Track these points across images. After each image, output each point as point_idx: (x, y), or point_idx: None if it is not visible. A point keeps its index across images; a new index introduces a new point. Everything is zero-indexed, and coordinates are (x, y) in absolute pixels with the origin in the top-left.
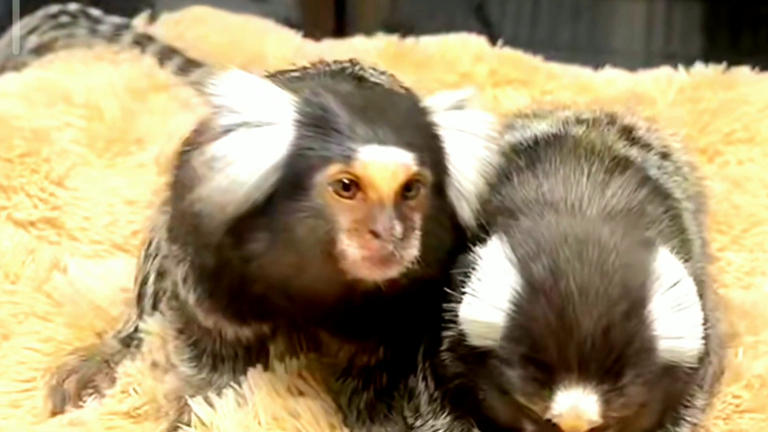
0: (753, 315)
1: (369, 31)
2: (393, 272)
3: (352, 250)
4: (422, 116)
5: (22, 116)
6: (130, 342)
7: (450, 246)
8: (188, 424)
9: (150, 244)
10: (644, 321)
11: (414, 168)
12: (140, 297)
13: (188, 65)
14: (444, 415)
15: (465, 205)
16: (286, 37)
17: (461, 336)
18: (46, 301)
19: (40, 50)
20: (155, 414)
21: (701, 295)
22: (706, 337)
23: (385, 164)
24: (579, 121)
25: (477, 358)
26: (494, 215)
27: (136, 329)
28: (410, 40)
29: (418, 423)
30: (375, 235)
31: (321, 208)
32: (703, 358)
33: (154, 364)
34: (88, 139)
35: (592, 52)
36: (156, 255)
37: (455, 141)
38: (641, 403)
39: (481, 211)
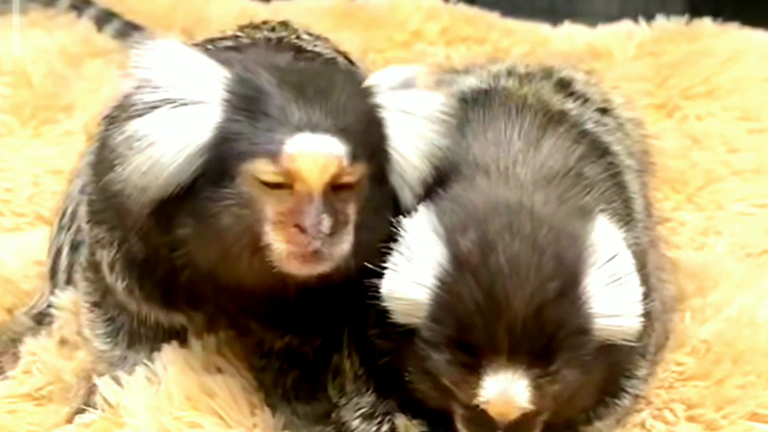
0: (702, 277)
1: None
2: (321, 268)
3: (277, 243)
4: (363, 98)
5: None
6: (42, 319)
7: (389, 234)
8: (95, 407)
9: (64, 214)
10: (579, 299)
11: (346, 160)
12: (53, 271)
13: (127, 29)
14: (368, 393)
15: (408, 192)
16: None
17: (386, 313)
18: None
19: None
20: (61, 395)
21: (643, 264)
22: (647, 307)
23: (314, 156)
24: (510, 75)
25: (402, 336)
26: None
27: (49, 305)
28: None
29: (343, 401)
30: (301, 229)
31: (246, 197)
32: (646, 327)
33: (63, 341)
34: (12, 107)
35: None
36: (70, 226)
37: (398, 124)
38: (576, 386)
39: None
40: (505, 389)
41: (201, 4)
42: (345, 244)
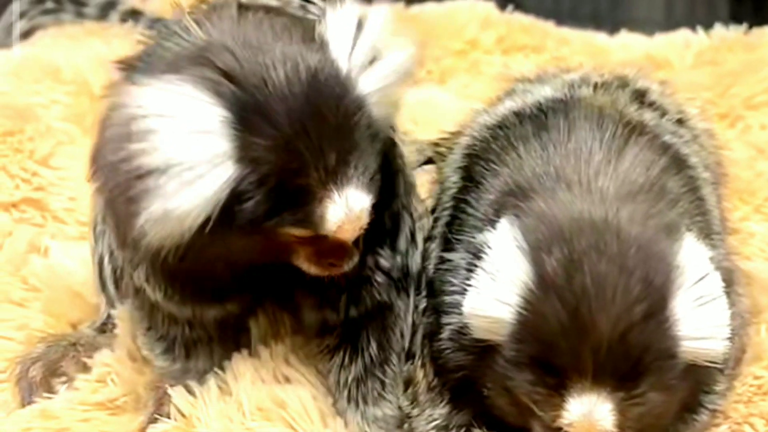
0: None
1: None
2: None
3: (308, 267)
4: (353, 108)
5: (7, 93)
6: (104, 329)
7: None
8: (168, 416)
9: (96, 223)
10: (666, 322)
11: (370, 203)
12: (102, 282)
13: None
14: (442, 405)
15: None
16: None
17: (464, 327)
18: (21, 286)
19: (28, 36)
20: (134, 406)
21: (729, 282)
22: (732, 327)
23: (352, 221)
24: (586, 84)
25: (481, 351)
26: (505, 193)
27: (109, 316)
28: (415, 8)
29: (415, 412)
30: (333, 264)
31: (278, 239)
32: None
33: (132, 356)
34: (75, 116)
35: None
36: (105, 232)
37: (381, 112)
38: (661, 409)
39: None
40: (590, 412)
41: None
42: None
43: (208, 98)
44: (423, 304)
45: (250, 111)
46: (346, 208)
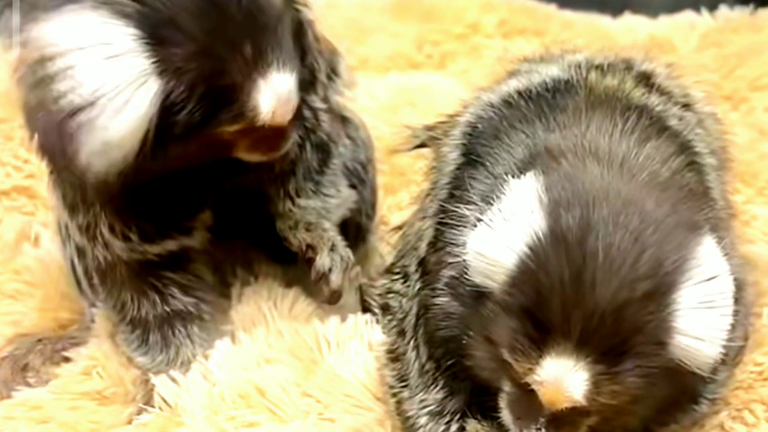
0: None
1: None
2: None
3: (249, 157)
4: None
5: None
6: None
7: None
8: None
9: (59, 226)
10: (665, 309)
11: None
12: (78, 282)
13: None
14: (436, 390)
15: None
16: None
17: (464, 272)
18: (14, 277)
19: None
20: (123, 398)
21: (741, 287)
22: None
23: (283, 104)
24: (593, 66)
25: (474, 300)
26: (532, 155)
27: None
28: None
29: (406, 394)
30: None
31: (216, 139)
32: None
33: (117, 351)
34: None
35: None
36: (69, 235)
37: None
38: (634, 396)
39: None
40: (563, 375)
41: None
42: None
43: (116, 21)
44: (417, 286)
45: (159, 25)
46: (274, 93)
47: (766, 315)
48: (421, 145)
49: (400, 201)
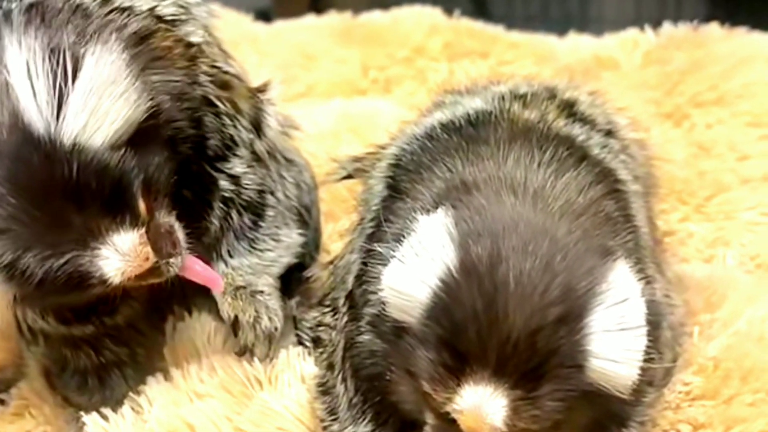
0: (710, 290)
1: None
2: None
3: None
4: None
5: None
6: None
7: None
8: None
9: None
10: (578, 332)
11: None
12: (18, 325)
13: None
14: (364, 423)
15: None
16: (233, 21)
17: (382, 310)
18: None
19: None
20: None
21: (656, 315)
22: (654, 337)
23: (138, 265)
24: (514, 97)
25: (394, 335)
26: (447, 189)
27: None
28: (363, 16)
29: (336, 427)
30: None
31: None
32: (653, 357)
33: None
34: None
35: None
36: None
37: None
38: (555, 420)
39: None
40: (482, 403)
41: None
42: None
43: None
44: (345, 319)
45: None
46: (116, 256)
47: (695, 334)
48: (348, 176)
49: (341, 228)
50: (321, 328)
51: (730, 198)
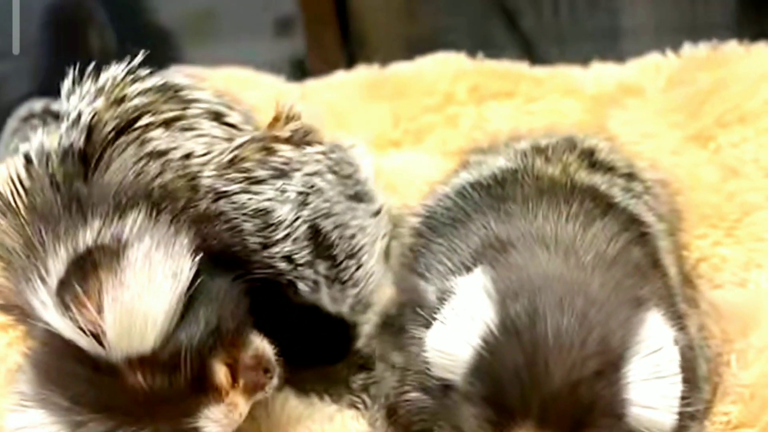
0: (745, 316)
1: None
2: None
3: None
4: None
5: None
6: None
7: None
8: None
9: None
10: (617, 383)
11: None
12: None
13: None
14: None
15: None
16: (266, 84)
17: (427, 368)
18: None
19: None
20: None
21: (690, 362)
22: (691, 378)
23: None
24: (537, 152)
25: (440, 392)
26: (484, 246)
27: None
28: (390, 68)
29: None
30: None
31: None
32: (694, 393)
33: None
34: None
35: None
36: None
37: None
38: None
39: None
40: None
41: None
42: None
43: None
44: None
45: None
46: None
47: (733, 362)
48: None
49: None
50: (373, 388)
51: (758, 218)
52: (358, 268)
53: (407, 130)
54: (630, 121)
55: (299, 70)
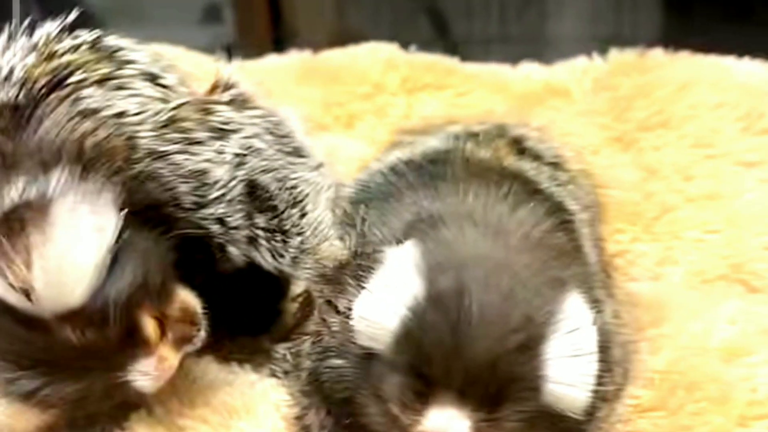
0: (657, 307)
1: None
2: None
3: None
4: None
5: None
6: None
7: None
8: None
9: None
10: (536, 358)
11: None
12: None
13: None
14: None
15: None
16: (198, 62)
17: (351, 339)
18: None
19: None
20: None
21: (606, 340)
22: (605, 359)
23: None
24: (468, 136)
25: (363, 360)
26: (414, 221)
27: None
28: (323, 54)
29: None
30: None
31: None
32: (605, 375)
33: None
34: None
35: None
36: None
37: None
38: None
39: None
40: (448, 424)
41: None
42: None
43: None
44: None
45: None
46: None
47: (644, 350)
48: None
49: None
50: (295, 357)
51: (676, 218)
52: (302, 216)
53: (338, 116)
54: (554, 121)
55: (228, 57)
